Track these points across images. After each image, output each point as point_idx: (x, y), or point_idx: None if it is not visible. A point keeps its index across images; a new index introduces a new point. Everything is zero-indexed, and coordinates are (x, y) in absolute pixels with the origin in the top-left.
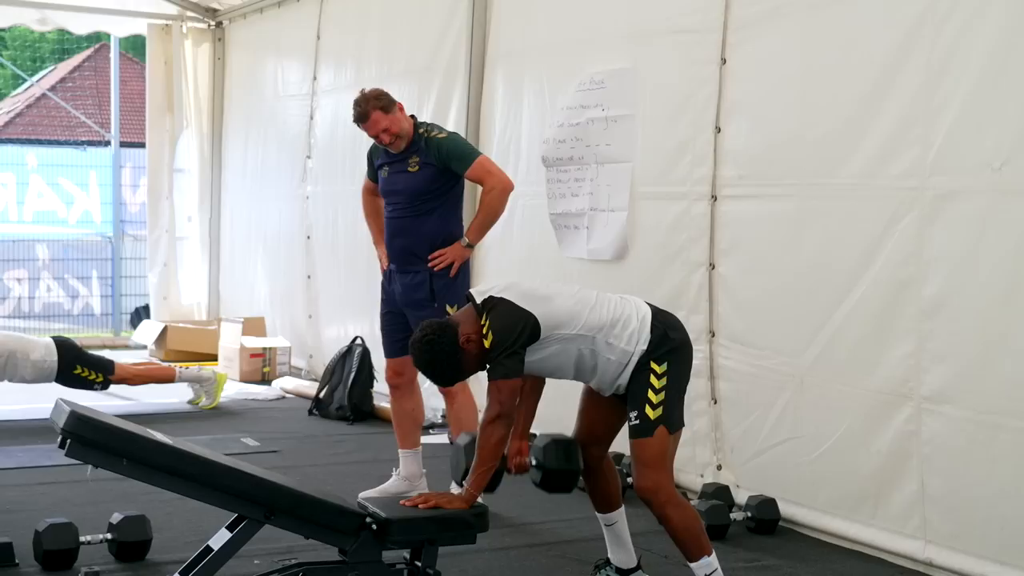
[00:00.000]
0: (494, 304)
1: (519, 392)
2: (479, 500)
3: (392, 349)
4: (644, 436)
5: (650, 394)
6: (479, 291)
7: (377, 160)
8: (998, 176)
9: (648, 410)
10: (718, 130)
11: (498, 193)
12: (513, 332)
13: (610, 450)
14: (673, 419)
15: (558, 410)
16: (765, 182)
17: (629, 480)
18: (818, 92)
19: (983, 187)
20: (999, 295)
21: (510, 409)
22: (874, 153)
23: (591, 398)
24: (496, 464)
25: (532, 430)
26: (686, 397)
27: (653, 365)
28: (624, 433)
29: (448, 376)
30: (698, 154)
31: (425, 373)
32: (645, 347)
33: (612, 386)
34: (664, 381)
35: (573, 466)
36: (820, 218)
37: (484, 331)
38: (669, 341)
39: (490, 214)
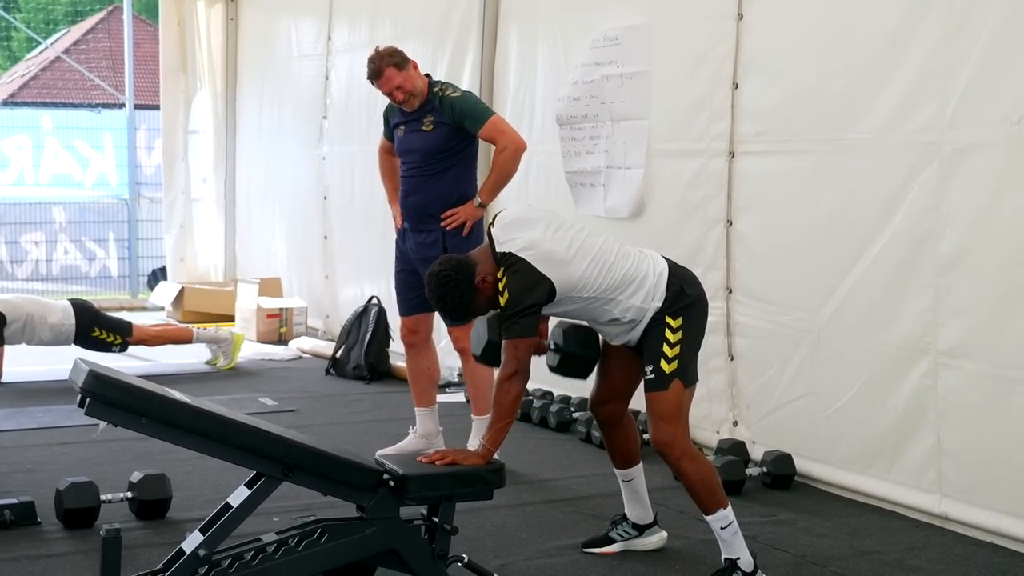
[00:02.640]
0: (513, 262)
1: (533, 349)
2: (495, 456)
3: (406, 307)
4: (659, 389)
5: (665, 348)
6: (500, 237)
7: (393, 119)
8: (1017, 130)
9: (663, 364)
10: (735, 86)
11: (511, 153)
12: (529, 294)
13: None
14: (688, 373)
15: None
16: (783, 138)
17: (646, 436)
18: (836, 47)
19: (1002, 141)
20: (1017, 249)
21: (526, 366)
22: (892, 107)
23: (609, 353)
24: (512, 420)
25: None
26: (702, 354)
27: (668, 320)
28: (643, 391)
29: (459, 313)
30: (715, 110)
31: (436, 307)
32: (660, 304)
33: (623, 337)
34: (679, 335)
35: (591, 352)
36: (838, 174)
37: (500, 287)
38: (685, 297)
39: (503, 174)
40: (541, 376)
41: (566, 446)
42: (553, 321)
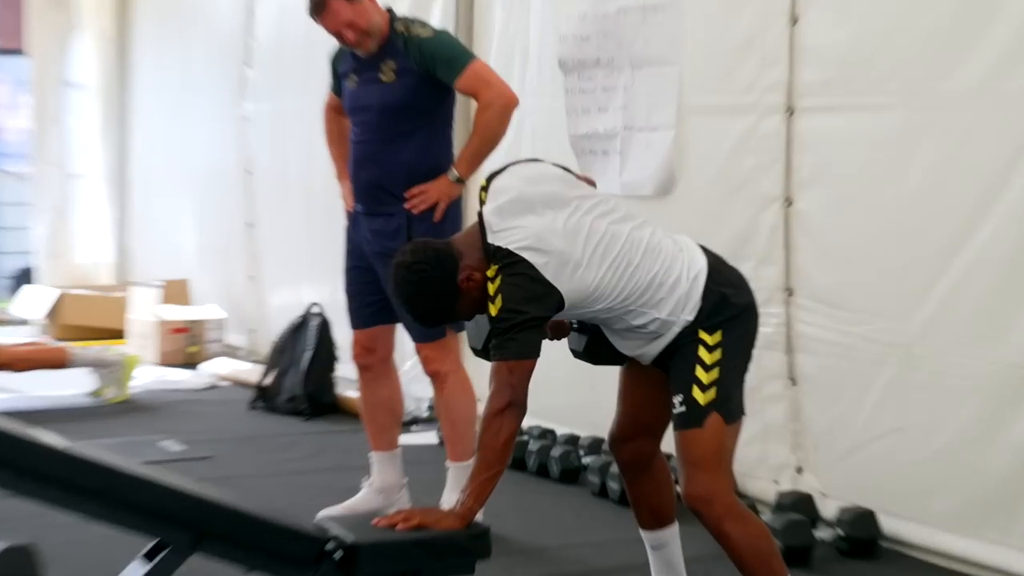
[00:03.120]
0: (512, 262)
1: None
2: (479, 517)
3: (361, 317)
4: (692, 427)
5: (698, 371)
6: (495, 224)
7: (341, 67)
8: None
9: (696, 392)
10: (794, 20)
11: (498, 110)
12: (530, 305)
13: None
14: (730, 404)
15: (586, 402)
16: (858, 89)
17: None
18: None
19: None
20: None
21: (523, 396)
22: (1004, 48)
23: (633, 375)
24: (502, 469)
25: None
26: (754, 377)
27: (702, 335)
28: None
29: (433, 318)
30: (768, 53)
31: (404, 307)
32: (691, 317)
33: (634, 352)
34: (718, 354)
35: None
36: (932, 136)
37: (491, 291)
38: (727, 308)
39: (487, 138)
40: (541, 408)
41: (573, 502)
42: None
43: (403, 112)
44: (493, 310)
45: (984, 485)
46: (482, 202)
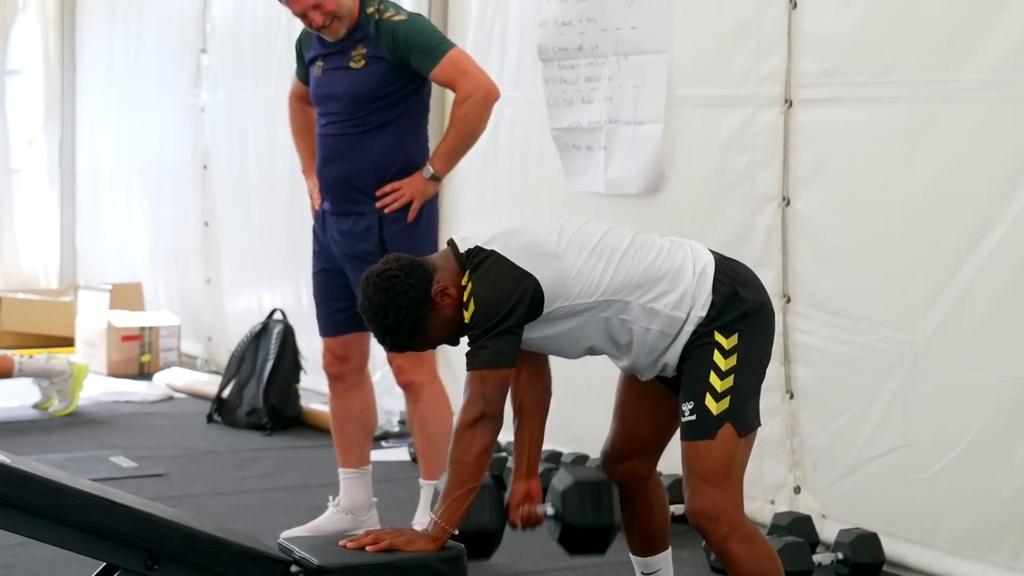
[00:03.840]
0: (481, 259)
1: (510, 385)
2: (451, 540)
3: (330, 324)
4: (702, 438)
5: (712, 378)
6: (463, 237)
7: (308, 52)
8: None
9: (709, 401)
10: (793, 4)
11: (476, 103)
12: (505, 302)
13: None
14: (745, 415)
15: (569, 415)
16: (861, 79)
17: (675, 509)
18: None
19: None
20: None
21: (497, 408)
22: (1019, 36)
23: (632, 388)
24: (476, 485)
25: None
26: None
27: (718, 337)
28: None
29: (403, 336)
30: (764, 39)
31: (371, 324)
32: (704, 313)
33: (653, 367)
34: (734, 360)
35: (607, 520)
36: (941, 131)
37: (465, 297)
38: (740, 303)
39: (465, 133)
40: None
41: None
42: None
43: (374, 102)
44: (467, 316)
45: (994, 505)
46: (453, 245)
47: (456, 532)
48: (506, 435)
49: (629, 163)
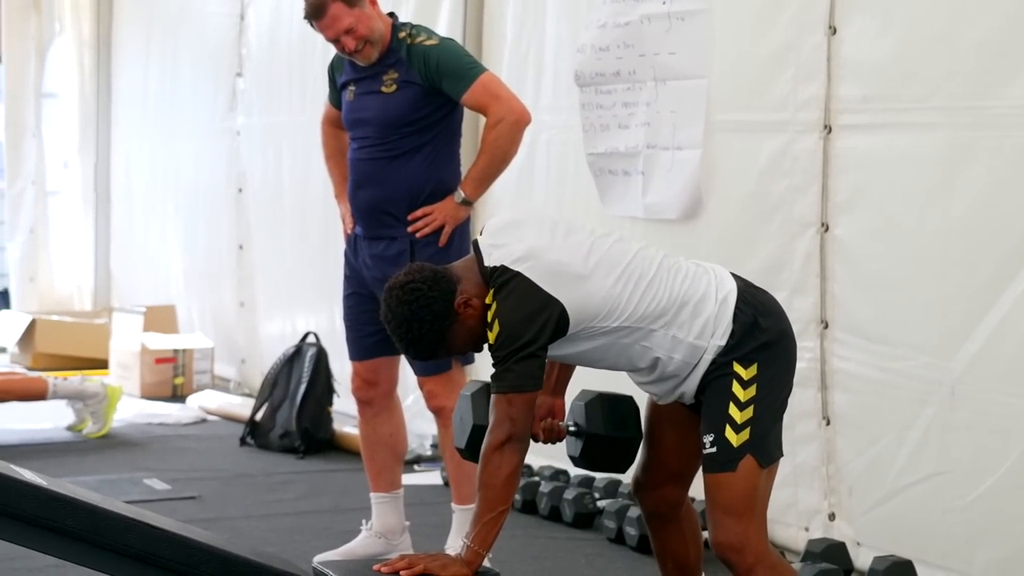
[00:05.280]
0: (506, 279)
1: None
2: (487, 562)
3: (361, 348)
4: (723, 470)
5: (732, 410)
6: (489, 244)
7: (341, 77)
8: None
9: (729, 433)
10: (832, 30)
11: (507, 127)
12: (531, 327)
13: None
14: (766, 446)
15: None
16: (900, 105)
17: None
18: None
19: None
20: None
21: (524, 430)
22: None
23: (659, 415)
24: (507, 507)
25: None
26: (785, 416)
27: (737, 368)
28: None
29: (425, 348)
30: (804, 65)
31: (393, 335)
32: (723, 342)
33: (671, 393)
34: (753, 391)
35: (630, 431)
36: (981, 157)
37: (489, 317)
38: (760, 333)
39: (496, 157)
40: (555, 447)
41: (587, 549)
42: (572, 391)
43: (405, 127)
44: (491, 337)
45: None
46: (477, 237)
47: (489, 555)
48: (536, 459)
49: (667, 188)
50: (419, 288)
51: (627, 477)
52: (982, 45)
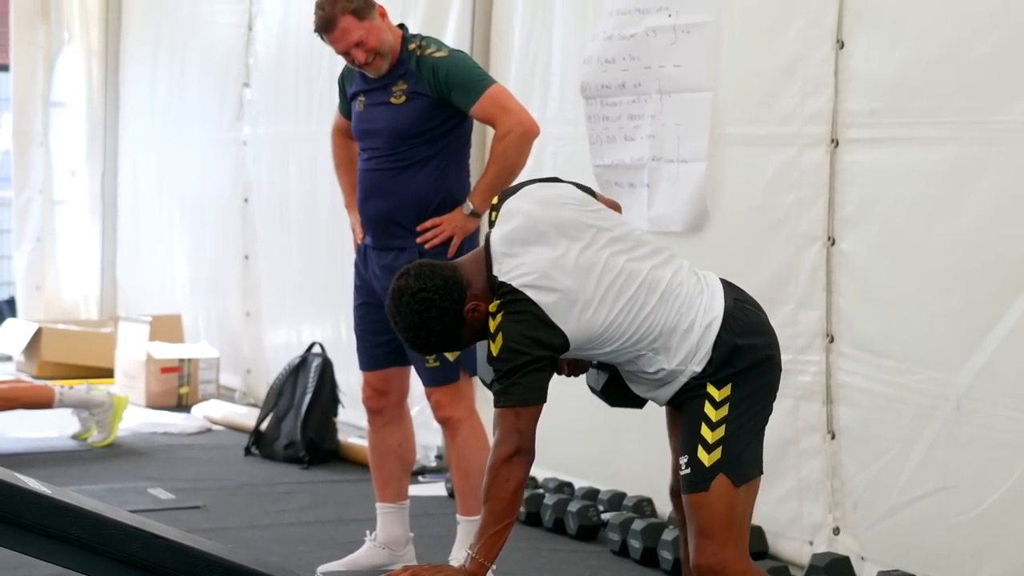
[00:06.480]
0: (514, 299)
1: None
2: (491, 574)
3: (371, 358)
4: (697, 490)
5: (704, 430)
6: (501, 252)
7: (350, 88)
8: None
9: (701, 453)
10: (840, 44)
11: (516, 139)
12: (534, 348)
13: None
14: (739, 464)
15: (607, 452)
16: (908, 119)
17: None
18: None
19: None
20: None
21: (531, 443)
22: None
23: (674, 422)
24: (512, 521)
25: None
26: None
27: (709, 389)
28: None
29: (435, 346)
30: (811, 79)
31: (404, 335)
32: (699, 368)
33: (648, 394)
34: (724, 411)
35: None
36: (987, 171)
37: (492, 328)
38: (737, 360)
39: (504, 169)
40: (559, 459)
41: (591, 561)
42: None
43: (414, 138)
44: (494, 349)
45: None
46: (492, 223)
47: (493, 568)
48: (541, 471)
49: (672, 201)
50: (431, 299)
51: (632, 490)
52: (990, 60)
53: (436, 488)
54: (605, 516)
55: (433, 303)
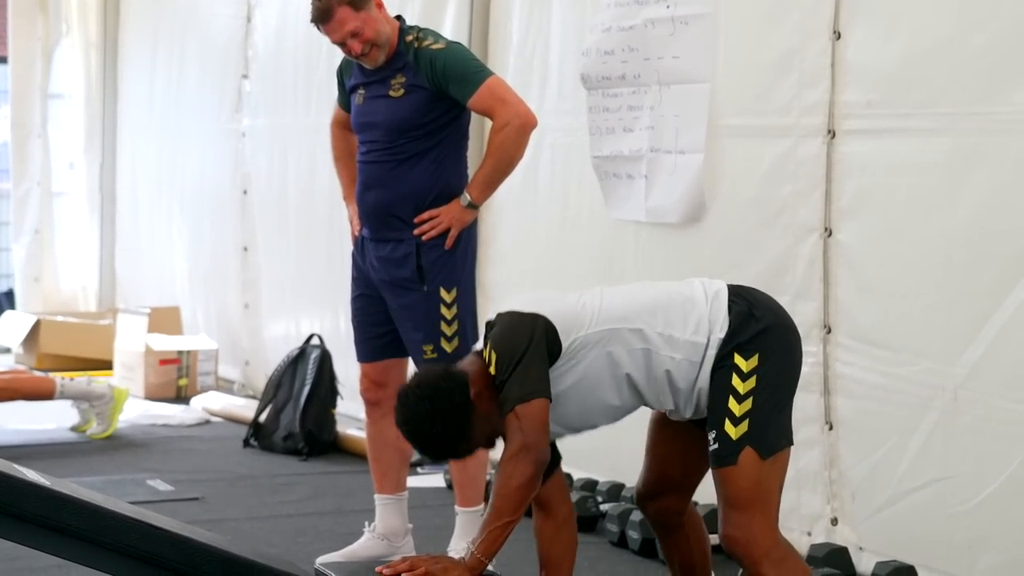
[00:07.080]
0: (493, 323)
1: (547, 417)
2: (490, 568)
3: (369, 350)
4: (725, 464)
5: (731, 403)
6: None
7: (349, 80)
8: None
9: (728, 427)
10: (837, 35)
11: (514, 130)
12: (522, 339)
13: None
14: (767, 436)
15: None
16: (904, 111)
17: (713, 539)
18: None
19: None
20: None
21: (536, 438)
22: None
23: (662, 428)
24: (515, 518)
25: None
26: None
27: (737, 359)
28: None
29: (452, 443)
30: (808, 70)
31: (415, 436)
32: (723, 334)
33: (693, 402)
34: (752, 382)
35: None
36: (985, 163)
37: (486, 355)
38: (756, 321)
39: (502, 161)
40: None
41: (590, 552)
42: None
43: (413, 131)
44: (492, 370)
45: None
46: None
47: (491, 563)
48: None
49: (670, 192)
50: (434, 383)
51: (630, 481)
52: (987, 51)
53: (435, 479)
54: (603, 507)
55: (438, 387)
